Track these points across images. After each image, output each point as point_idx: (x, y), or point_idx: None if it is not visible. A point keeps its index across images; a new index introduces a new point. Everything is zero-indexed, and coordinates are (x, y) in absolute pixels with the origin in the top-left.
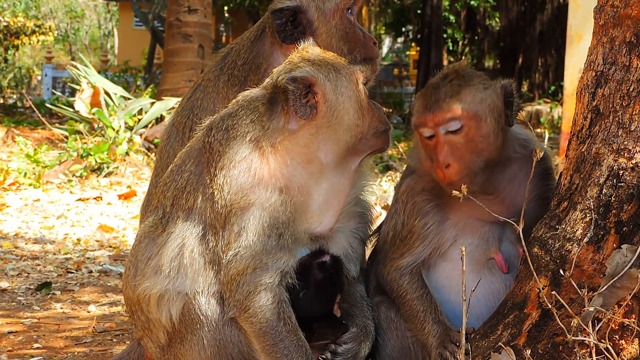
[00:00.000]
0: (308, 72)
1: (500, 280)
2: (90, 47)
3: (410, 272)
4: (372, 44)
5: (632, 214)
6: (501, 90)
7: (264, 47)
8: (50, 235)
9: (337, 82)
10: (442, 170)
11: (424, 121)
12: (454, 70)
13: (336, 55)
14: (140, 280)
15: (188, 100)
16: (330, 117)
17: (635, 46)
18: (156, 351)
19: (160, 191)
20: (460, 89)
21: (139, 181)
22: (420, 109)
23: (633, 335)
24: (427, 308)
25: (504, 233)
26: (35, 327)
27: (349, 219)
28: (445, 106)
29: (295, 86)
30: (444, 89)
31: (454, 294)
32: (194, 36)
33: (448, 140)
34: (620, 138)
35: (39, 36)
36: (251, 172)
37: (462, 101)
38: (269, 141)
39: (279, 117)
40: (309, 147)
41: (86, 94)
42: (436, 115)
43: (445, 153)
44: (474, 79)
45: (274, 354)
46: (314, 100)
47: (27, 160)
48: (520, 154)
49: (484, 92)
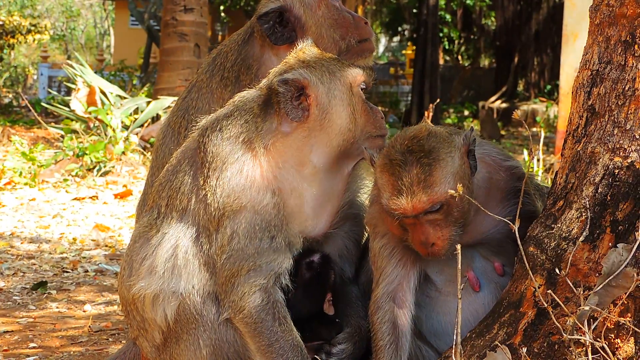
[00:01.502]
0: (301, 74)
1: (477, 300)
2: (86, 46)
3: (383, 307)
4: (364, 24)
5: (627, 213)
6: (464, 145)
7: (252, 49)
8: (46, 235)
9: (331, 85)
10: (426, 249)
11: (400, 208)
12: (417, 142)
13: (334, 57)
14: (135, 280)
15: (183, 100)
16: (322, 120)
17: (631, 45)
18: (151, 351)
19: (156, 191)
20: (431, 170)
21: (135, 180)
22: (393, 193)
23: (629, 334)
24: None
25: (476, 250)
26: (31, 327)
27: (344, 222)
28: (421, 193)
29: (286, 88)
30: (414, 170)
31: (434, 312)
32: (190, 35)
33: (428, 220)
34: (616, 137)
35: (34, 35)
36: (243, 174)
37: (436, 184)
38: (262, 143)
39: (272, 118)
40: (301, 150)
41: (82, 93)
42: (414, 204)
43: (428, 233)
44: (440, 151)
45: (269, 354)
46: (307, 102)
47: (22, 159)
48: (484, 186)
49: (452, 163)
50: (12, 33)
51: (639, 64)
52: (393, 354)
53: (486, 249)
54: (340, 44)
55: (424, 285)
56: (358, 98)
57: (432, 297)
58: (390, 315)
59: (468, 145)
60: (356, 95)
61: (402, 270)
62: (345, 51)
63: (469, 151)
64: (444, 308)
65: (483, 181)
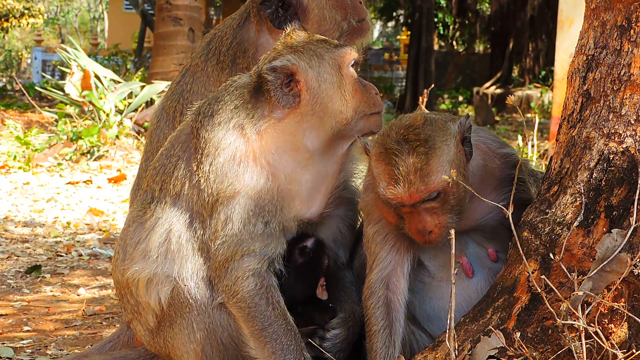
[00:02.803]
0: (289, 60)
1: (471, 285)
2: (80, 30)
3: (377, 292)
4: (359, 3)
5: (622, 198)
6: (459, 132)
7: (248, 33)
8: (40, 219)
9: (320, 69)
10: (423, 236)
11: (397, 197)
12: (413, 131)
13: (322, 39)
14: (129, 264)
15: (177, 84)
16: (314, 104)
17: (627, 30)
18: (145, 334)
19: (150, 175)
20: (428, 159)
21: (129, 165)
22: (390, 182)
23: (622, 319)
24: (383, 346)
25: (469, 236)
26: (25, 310)
27: (338, 205)
28: (418, 182)
29: (275, 76)
30: (411, 159)
31: (428, 298)
32: (184, 19)
33: (425, 208)
34: (611, 122)
35: (28, 19)
36: (236, 160)
37: (433, 173)
38: (254, 128)
39: (263, 105)
40: (294, 135)
41: (76, 77)
42: (412, 193)
43: (425, 221)
44: (436, 139)
45: (262, 338)
46: (297, 88)
47: (16, 143)
48: (479, 173)
49: (448, 151)
50: (6, 16)
51: (634, 49)
52: (387, 339)
53: (480, 236)
54: (342, 25)
55: (417, 270)
56: (349, 78)
57: (425, 282)
58: (384, 300)
59: (463, 132)
60: (347, 76)
61: (396, 256)
62: (347, 32)
63: (464, 138)
64: (437, 293)
65: (478, 168)
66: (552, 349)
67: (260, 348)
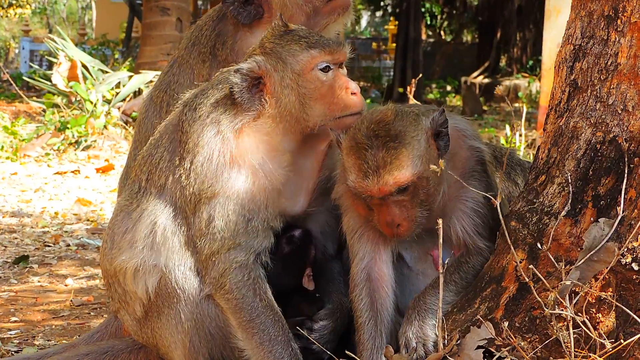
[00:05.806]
0: (258, 62)
1: None
2: (68, 20)
3: (359, 284)
4: None
5: (609, 188)
6: (431, 128)
7: (226, 27)
8: (28, 209)
9: (284, 74)
10: (392, 229)
11: (367, 190)
12: (384, 126)
13: (297, 37)
14: (116, 253)
15: (165, 75)
16: (279, 108)
17: (614, 20)
18: (133, 324)
19: (138, 164)
20: (397, 153)
21: (117, 155)
22: (359, 175)
23: (610, 309)
24: (370, 337)
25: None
26: (12, 301)
27: (324, 198)
28: (388, 175)
29: (242, 78)
30: (381, 153)
31: (407, 290)
32: (172, 9)
33: (394, 201)
34: (598, 112)
35: (16, 9)
36: (213, 161)
37: (403, 167)
38: (231, 125)
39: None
40: (270, 135)
41: (64, 67)
42: (380, 186)
43: (394, 214)
44: (406, 135)
45: (250, 329)
46: (264, 92)
47: (4, 133)
48: (449, 161)
49: (418, 146)
50: None
51: (621, 39)
52: (373, 329)
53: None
54: (305, 9)
55: (397, 262)
56: (315, 84)
57: (404, 274)
58: (367, 291)
59: (436, 127)
60: (310, 81)
61: (374, 246)
62: (314, 14)
63: (438, 132)
64: (416, 285)
65: (447, 155)
66: (540, 338)
67: (248, 339)
